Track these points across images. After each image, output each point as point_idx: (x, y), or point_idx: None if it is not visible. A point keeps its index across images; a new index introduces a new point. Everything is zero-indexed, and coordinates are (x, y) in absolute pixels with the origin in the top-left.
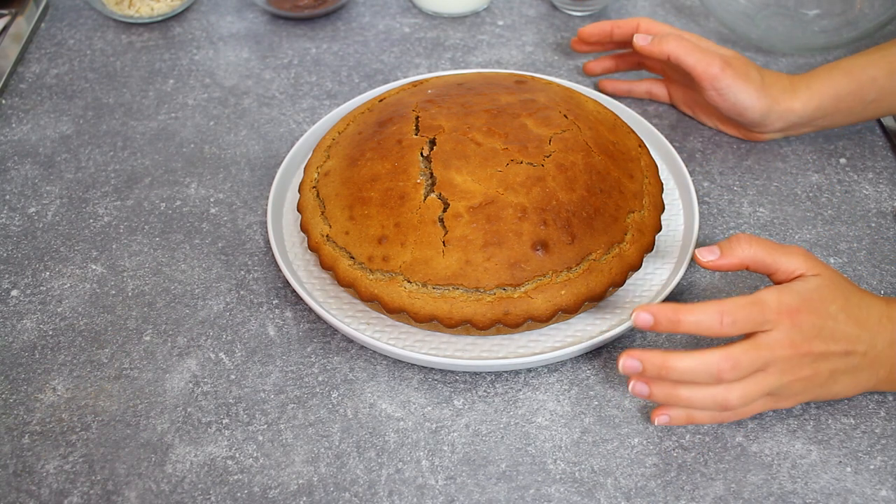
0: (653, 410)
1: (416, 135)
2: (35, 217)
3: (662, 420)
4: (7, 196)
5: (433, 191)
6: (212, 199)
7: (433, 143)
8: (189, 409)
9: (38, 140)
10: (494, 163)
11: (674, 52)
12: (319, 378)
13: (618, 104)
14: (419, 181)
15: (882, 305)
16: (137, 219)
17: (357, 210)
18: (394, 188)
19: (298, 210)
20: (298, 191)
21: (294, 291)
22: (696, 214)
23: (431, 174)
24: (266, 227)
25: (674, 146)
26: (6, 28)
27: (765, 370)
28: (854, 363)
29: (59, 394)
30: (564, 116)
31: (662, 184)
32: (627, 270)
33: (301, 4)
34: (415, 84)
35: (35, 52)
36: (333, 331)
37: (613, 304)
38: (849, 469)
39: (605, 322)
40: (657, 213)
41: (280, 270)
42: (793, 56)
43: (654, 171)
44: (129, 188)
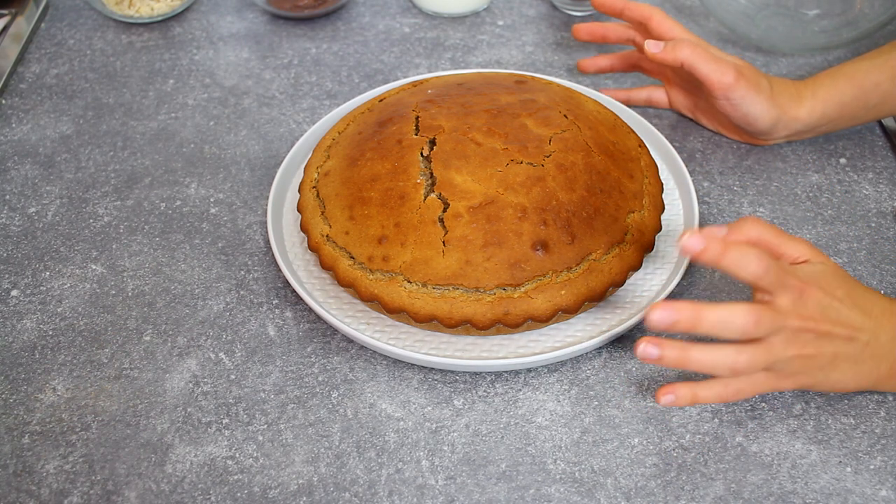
0: (658, 389)
1: (416, 135)
2: (35, 217)
3: (668, 399)
4: (7, 196)
5: (433, 191)
6: (212, 199)
7: (433, 143)
8: (189, 409)
9: (38, 140)
10: (494, 163)
11: (688, 60)
12: (319, 378)
13: (618, 104)
14: (419, 181)
15: (885, 301)
16: (137, 219)
17: (357, 210)
18: (394, 188)
19: (298, 210)
20: (298, 191)
21: (294, 291)
22: (696, 214)
23: (431, 174)
24: (266, 227)
25: (674, 146)
26: (6, 28)
27: (771, 340)
28: (856, 351)
29: (59, 394)
30: (564, 116)
31: (662, 184)
32: (627, 270)
33: (301, 4)
34: (415, 84)
35: (35, 52)
36: (333, 331)
37: (613, 304)
38: (849, 469)
39: (605, 322)
40: (657, 213)
41: (280, 270)
42: (793, 56)
43: (654, 171)
44: (129, 188)
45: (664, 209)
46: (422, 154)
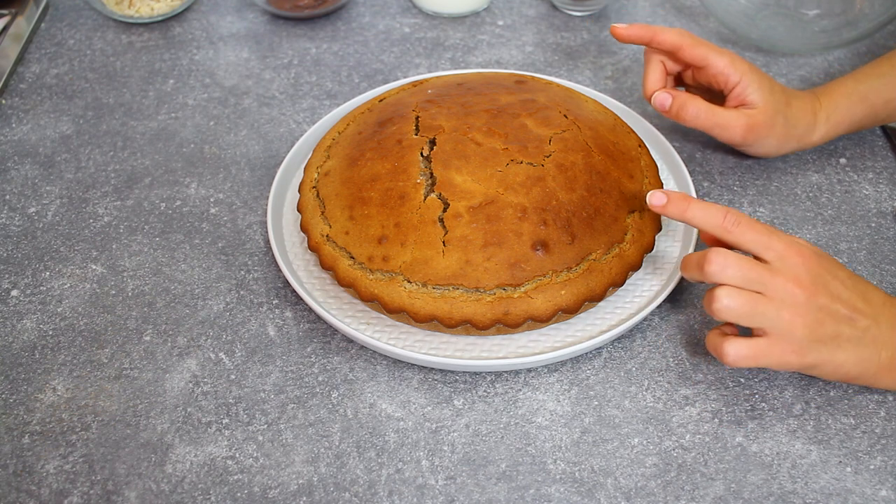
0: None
1: (416, 135)
2: (35, 217)
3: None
4: (7, 196)
5: (433, 191)
6: (212, 199)
7: (433, 143)
8: (189, 409)
9: (38, 140)
10: (494, 163)
11: (693, 122)
12: (319, 378)
13: (618, 104)
14: (419, 181)
15: (884, 294)
16: (137, 219)
17: (357, 210)
18: (394, 188)
19: (298, 210)
20: (298, 191)
21: (294, 291)
22: None
23: (431, 174)
24: (266, 227)
25: (674, 146)
26: (6, 28)
27: (764, 295)
28: (858, 332)
29: (59, 394)
30: (564, 116)
31: (662, 184)
32: (627, 270)
33: (301, 4)
34: (415, 84)
35: (35, 52)
36: (333, 331)
37: (613, 304)
38: (849, 469)
39: (605, 322)
40: (657, 214)
41: (280, 270)
42: (793, 56)
43: (654, 171)
44: (129, 188)
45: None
46: (422, 154)
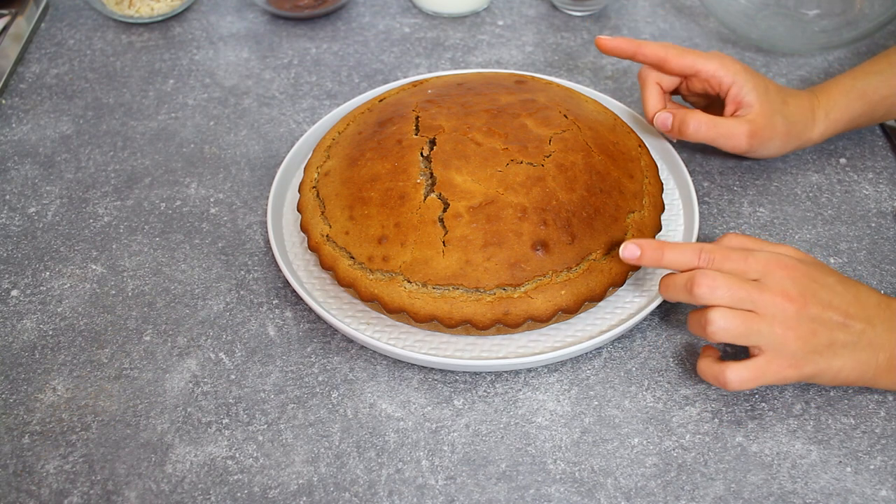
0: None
1: (416, 135)
2: (35, 217)
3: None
4: (7, 196)
5: (433, 191)
6: (212, 199)
7: (433, 143)
8: (189, 409)
9: (38, 140)
10: (494, 163)
11: (695, 136)
12: (319, 378)
13: (618, 104)
14: (419, 181)
15: (878, 295)
16: (137, 219)
17: (357, 210)
18: (394, 188)
19: (298, 210)
20: (298, 191)
21: (294, 291)
22: (696, 214)
23: (431, 174)
24: (266, 227)
25: (674, 146)
26: (6, 28)
27: (756, 313)
28: (853, 337)
29: (59, 394)
30: (564, 116)
31: (662, 184)
32: (627, 270)
33: (301, 4)
34: (415, 84)
35: (35, 52)
36: (333, 331)
37: (613, 304)
38: (849, 469)
39: (605, 322)
40: (657, 213)
41: (280, 270)
42: (793, 56)
43: (654, 171)
44: (129, 188)
45: (664, 209)
46: (422, 154)
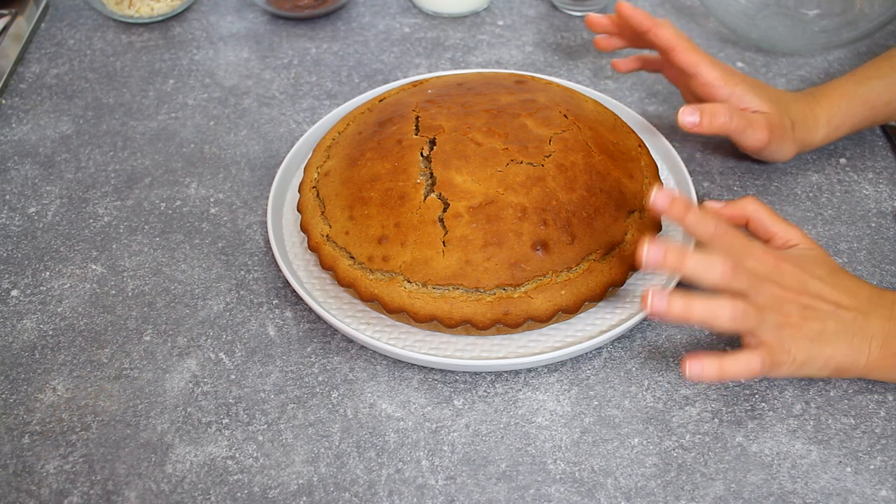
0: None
1: (416, 135)
2: (35, 217)
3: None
4: (7, 196)
5: (433, 191)
6: (212, 199)
7: (433, 143)
8: (189, 409)
9: (38, 140)
10: (494, 163)
11: (725, 127)
12: (319, 378)
13: (618, 104)
14: (419, 181)
15: (872, 289)
16: (137, 219)
17: (357, 210)
18: (394, 188)
19: (298, 210)
20: (298, 191)
21: (294, 291)
22: None
23: (431, 174)
24: (266, 227)
25: (674, 146)
26: (6, 28)
27: (756, 300)
28: (843, 325)
29: (59, 394)
30: (564, 116)
31: (663, 184)
32: (627, 270)
33: (301, 4)
34: (415, 84)
35: (35, 52)
36: (333, 331)
37: (613, 304)
38: (849, 469)
39: (605, 322)
40: (657, 214)
41: (280, 270)
42: (793, 56)
43: (654, 171)
44: (129, 188)
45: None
46: (422, 154)
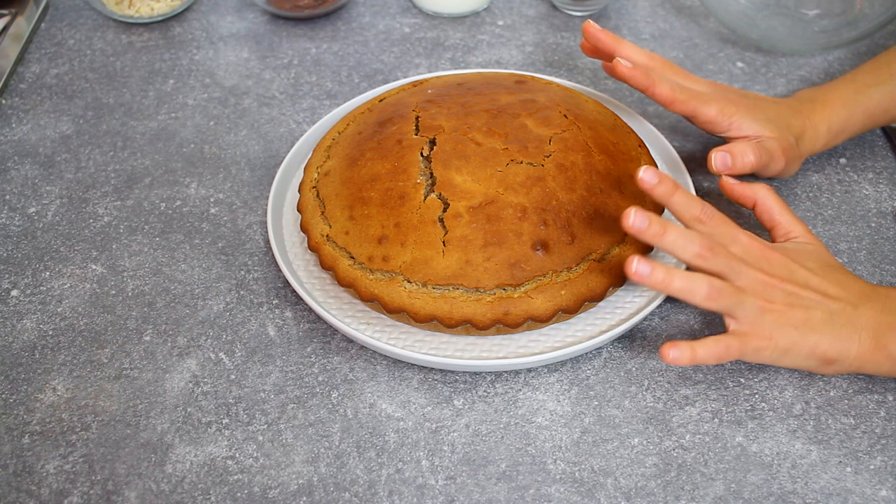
0: (662, 347)
1: (416, 135)
2: (35, 217)
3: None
4: (7, 196)
5: (433, 191)
6: (212, 199)
7: (433, 143)
8: (189, 409)
9: (38, 140)
10: (494, 163)
11: (754, 166)
12: (319, 378)
13: (618, 104)
14: (419, 181)
15: (864, 285)
16: (137, 219)
17: (357, 210)
18: (394, 188)
19: (298, 210)
20: (298, 191)
21: (294, 291)
22: None
23: (431, 174)
24: (266, 227)
25: (674, 146)
26: (6, 28)
27: (738, 283)
28: (829, 314)
29: (59, 394)
30: (564, 116)
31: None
32: None
33: (301, 4)
34: (415, 84)
35: (35, 52)
36: (333, 331)
37: (613, 304)
38: (849, 469)
39: (605, 322)
40: (657, 213)
41: (280, 270)
42: (793, 56)
43: None
44: (129, 188)
45: (664, 209)
46: (422, 154)
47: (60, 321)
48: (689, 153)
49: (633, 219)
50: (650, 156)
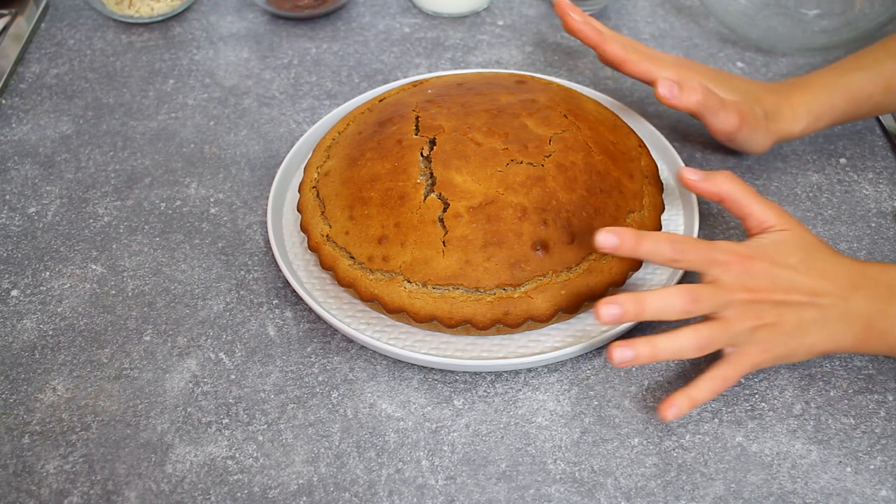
0: (661, 404)
1: (416, 135)
2: (35, 217)
3: (672, 412)
4: (7, 196)
5: (433, 191)
6: (212, 199)
7: (433, 143)
8: (189, 409)
9: (38, 140)
10: (494, 163)
11: (701, 103)
12: (319, 378)
13: (618, 104)
14: (419, 181)
15: (854, 265)
16: (137, 219)
17: (357, 210)
18: (394, 188)
19: (298, 210)
20: (298, 191)
21: (294, 291)
22: (696, 214)
23: (431, 174)
24: (266, 227)
25: (674, 146)
26: (6, 28)
27: (725, 315)
28: (821, 314)
29: (59, 394)
30: (564, 116)
31: (663, 184)
32: (627, 270)
33: (301, 4)
34: (415, 84)
35: (35, 52)
36: (333, 331)
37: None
38: (849, 469)
39: None
40: (657, 213)
41: (280, 270)
42: (793, 56)
43: (654, 171)
44: (129, 188)
45: (664, 209)
46: (422, 154)
47: (60, 321)
48: (689, 153)
49: (605, 312)
50: (650, 156)
